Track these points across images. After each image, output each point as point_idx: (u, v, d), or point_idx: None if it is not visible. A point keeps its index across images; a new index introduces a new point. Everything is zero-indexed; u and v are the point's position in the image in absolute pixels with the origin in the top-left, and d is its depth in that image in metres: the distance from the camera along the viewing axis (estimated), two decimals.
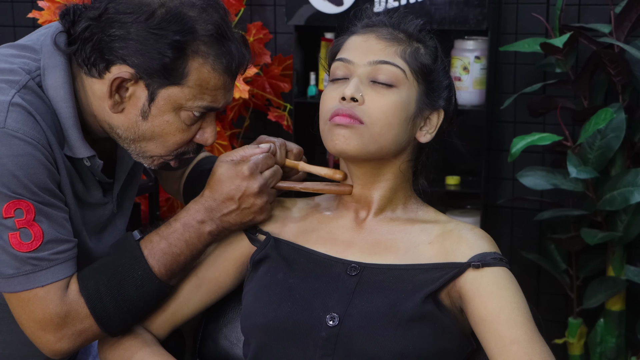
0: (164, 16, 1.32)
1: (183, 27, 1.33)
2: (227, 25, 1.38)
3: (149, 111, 1.37)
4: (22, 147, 1.31)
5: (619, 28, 2.51)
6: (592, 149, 2.53)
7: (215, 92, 1.37)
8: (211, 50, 1.35)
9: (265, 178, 1.41)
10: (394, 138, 1.35)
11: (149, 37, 1.32)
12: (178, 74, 1.34)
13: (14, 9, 3.53)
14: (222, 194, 1.40)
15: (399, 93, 1.35)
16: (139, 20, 1.32)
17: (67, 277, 1.37)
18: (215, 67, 1.35)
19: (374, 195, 1.41)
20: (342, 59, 1.39)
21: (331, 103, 1.36)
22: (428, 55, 1.40)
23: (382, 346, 1.26)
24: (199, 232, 1.40)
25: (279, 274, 1.37)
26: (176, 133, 1.40)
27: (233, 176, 1.39)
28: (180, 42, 1.32)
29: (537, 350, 1.25)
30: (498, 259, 1.32)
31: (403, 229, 1.39)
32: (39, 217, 1.33)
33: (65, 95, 1.37)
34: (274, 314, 1.32)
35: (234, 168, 1.40)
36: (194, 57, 1.34)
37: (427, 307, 1.29)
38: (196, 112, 1.38)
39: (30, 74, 1.38)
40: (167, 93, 1.35)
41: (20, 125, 1.32)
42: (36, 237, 1.32)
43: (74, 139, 1.39)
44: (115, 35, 1.32)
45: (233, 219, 1.41)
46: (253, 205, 1.40)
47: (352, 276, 1.34)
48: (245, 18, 3.15)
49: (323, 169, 1.45)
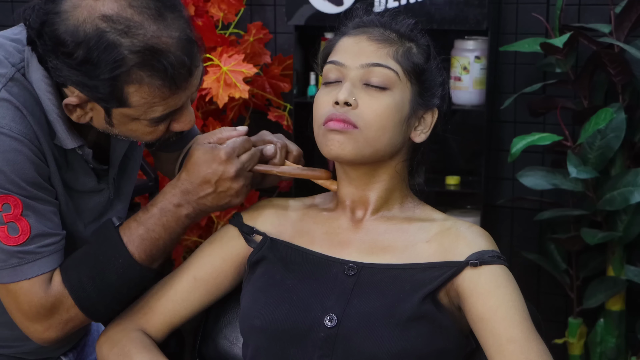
0: (88, 51, 1.26)
1: (109, 60, 1.26)
2: (161, 31, 1.28)
3: (112, 122, 1.36)
4: (8, 143, 1.32)
5: (619, 28, 2.51)
6: (592, 149, 2.53)
7: (165, 101, 1.33)
8: (144, 73, 1.28)
9: (242, 162, 1.41)
10: (388, 141, 1.35)
11: (80, 73, 1.28)
12: (118, 100, 1.31)
13: (14, 9, 3.53)
14: (199, 177, 1.40)
15: (392, 95, 1.35)
16: (67, 54, 1.27)
17: (52, 269, 1.39)
18: (152, 86, 1.29)
19: (370, 195, 1.41)
20: (334, 62, 1.38)
21: (324, 107, 1.36)
22: (420, 54, 1.39)
23: (381, 347, 1.26)
24: (176, 216, 1.41)
25: (277, 275, 1.37)
26: (145, 135, 1.39)
27: (210, 160, 1.40)
28: (109, 78, 1.27)
29: (534, 349, 1.25)
30: (496, 256, 1.32)
31: (400, 228, 1.39)
32: (27, 211, 1.34)
33: (46, 88, 1.37)
34: (272, 316, 1.32)
35: (211, 151, 1.40)
36: (127, 84, 1.29)
37: (425, 307, 1.29)
38: (154, 121, 1.36)
39: (15, 66, 1.38)
40: (118, 111, 1.34)
41: (6, 120, 1.33)
42: (23, 232, 1.34)
43: (60, 130, 1.39)
44: (53, 64, 1.30)
45: (210, 202, 1.42)
46: (229, 189, 1.41)
47: (349, 276, 1.34)
48: (245, 18, 3.15)
49: (321, 179, 1.45)
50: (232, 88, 2.67)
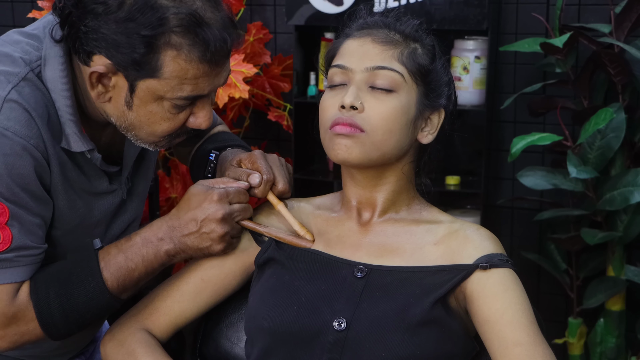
0: (133, 7, 1.26)
1: (153, 19, 1.26)
2: (205, 8, 1.30)
3: (132, 101, 1.34)
4: (9, 146, 1.31)
5: (619, 28, 2.51)
6: (592, 149, 2.53)
7: (196, 80, 1.32)
8: (184, 40, 1.28)
9: (232, 209, 1.39)
10: (395, 143, 1.35)
11: (119, 30, 1.27)
12: (151, 68, 1.29)
13: (14, 9, 3.53)
14: (187, 214, 1.38)
15: (398, 98, 1.34)
16: (108, 12, 1.27)
17: (22, 280, 1.37)
18: (191, 57, 1.29)
19: (377, 198, 1.40)
20: (339, 66, 1.37)
21: (331, 111, 1.35)
22: (426, 55, 1.38)
23: (391, 351, 1.26)
24: (157, 249, 1.39)
25: (285, 277, 1.36)
26: (162, 122, 1.36)
27: (202, 198, 1.38)
28: (149, 36, 1.26)
29: (540, 353, 1.24)
30: (505, 260, 1.32)
31: (408, 230, 1.38)
32: (12, 221, 1.33)
33: (62, 88, 1.36)
34: (280, 318, 1.32)
35: (205, 191, 1.39)
36: (165, 49, 1.28)
37: (435, 311, 1.28)
38: (178, 102, 1.34)
39: (30, 65, 1.36)
40: (145, 85, 1.32)
41: (12, 123, 1.31)
42: (4, 241, 1.33)
43: (71, 132, 1.37)
44: (89, 26, 1.28)
45: (191, 241, 1.39)
46: (213, 231, 1.38)
47: (359, 279, 1.33)
48: (245, 18, 3.15)
49: (297, 224, 1.41)
50: (232, 88, 2.67)
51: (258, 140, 3.21)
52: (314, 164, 3.02)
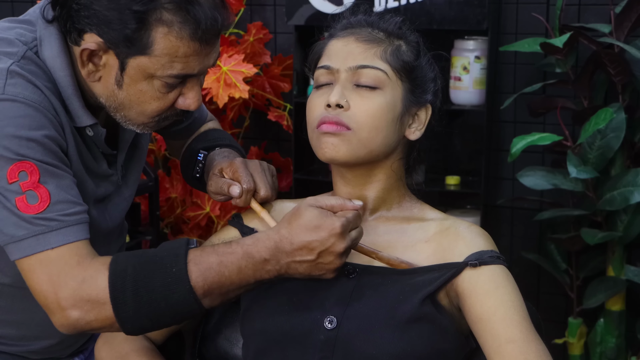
0: None
1: None
2: None
3: (122, 80, 1.34)
4: (23, 110, 1.29)
5: (619, 28, 2.51)
6: (592, 149, 2.53)
7: (186, 59, 1.32)
8: (176, 17, 1.29)
9: (352, 239, 1.29)
10: (382, 140, 1.35)
11: (111, 6, 1.28)
12: (142, 44, 1.29)
13: (14, 9, 3.53)
14: (302, 242, 1.27)
15: (383, 95, 1.34)
16: None
17: (79, 240, 1.30)
18: (182, 34, 1.30)
19: (367, 196, 1.40)
20: (324, 67, 1.38)
21: (317, 110, 1.36)
22: (410, 52, 1.39)
23: (381, 348, 1.26)
24: (257, 267, 1.29)
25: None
26: (151, 101, 1.36)
27: (322, 227, 1.27)
28: (141, 12, 1.27)
29: (533, 349, 1.24)
30: (495, 257, 1.32)
31: (400, 229, 1.39)
32: (44, 178, 1.28)
33: (62, 64, 1.36)
34: (272, 318, 1.32)
35: (325, 218, 1.27)
36: (157, 26, 1.29)
37: (425, 308, 1.28)
38: (168, 81, 1.34)
39: (27, 45, 1.36)
40: (135, 62, 1.32)
41: (19, 89, 1.30)
42: (43, 199, 1.28)
43: (75, 107, 1.37)
44: (81, 3, 1.29)
45: (303, 268, 1.29)
46: (331, 263, 1.28)
47: (350, 278, 1.34)
48: (245, 18, 3.15)
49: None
50: (232, 88, 2.67)
51: (258, 140, 3.21)
52: (314, 164, 3.02)
